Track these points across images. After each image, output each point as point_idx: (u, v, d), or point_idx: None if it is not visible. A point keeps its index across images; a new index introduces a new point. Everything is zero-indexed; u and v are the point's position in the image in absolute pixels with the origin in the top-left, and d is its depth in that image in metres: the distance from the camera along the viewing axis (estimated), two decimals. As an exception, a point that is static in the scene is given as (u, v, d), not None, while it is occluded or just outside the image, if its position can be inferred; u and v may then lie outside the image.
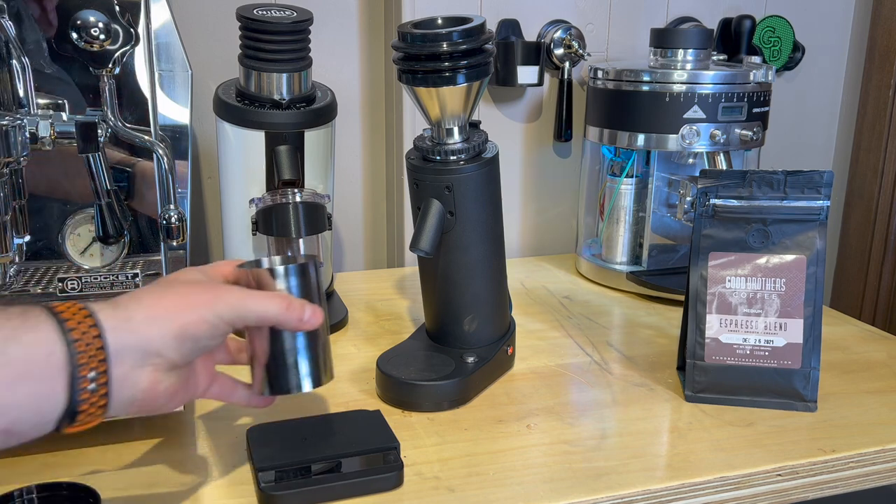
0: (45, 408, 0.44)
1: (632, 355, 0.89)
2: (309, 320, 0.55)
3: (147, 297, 0.50)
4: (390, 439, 0.66)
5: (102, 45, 0.77)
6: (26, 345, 0.43)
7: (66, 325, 0.45)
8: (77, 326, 0.45)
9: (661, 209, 1.09)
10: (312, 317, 0.55)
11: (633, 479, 0.64)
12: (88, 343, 0.45)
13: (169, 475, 0.64)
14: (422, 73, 0.71)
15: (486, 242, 0.79)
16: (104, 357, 0.46)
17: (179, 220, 0.80)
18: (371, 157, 1.23)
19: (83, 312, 0.46)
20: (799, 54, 1.34)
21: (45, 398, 0.44)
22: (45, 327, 0.44)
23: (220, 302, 0.51)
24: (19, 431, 0.44)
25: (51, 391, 0.44)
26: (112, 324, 0.47)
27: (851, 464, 0.69)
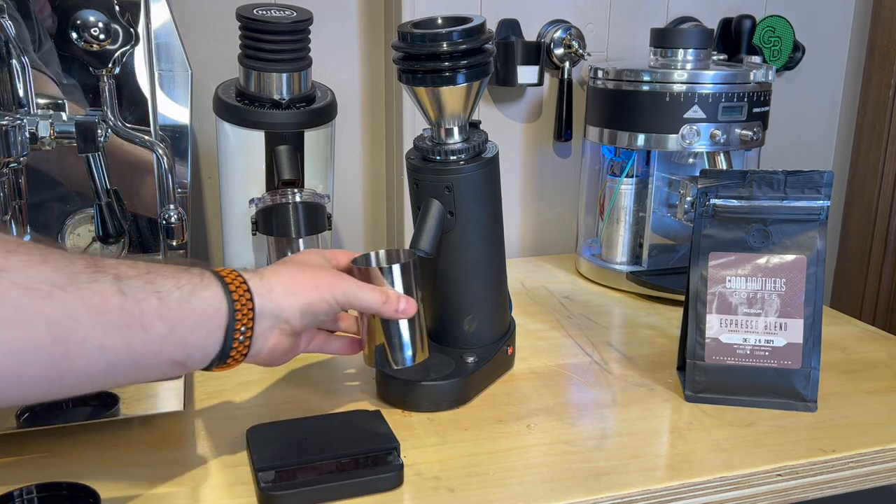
0: (209, 348, 0.55)
1: (632, 355, 0.89)
2: (403, 311, 0.67)
3: (285, 274, 0.61)
4: (390, 439, 0.66)
5: (102, 45, 0.77)
6: (203, 300, 0.54)
7: (229, 288, 0.56)
8: (236, 290, 0.57)
9: (661, 209, 1.09)
10: (406, 309, 0.67)
11: (633, 479, 0.64)
12: (243, 304, 0.56)
13: (169, 475, 0.64)
14: (422, 72, 0.71)
15: (486, 242, 0.79)
16: (252, 316, 0.57)
17: (179, 220, 0.80)
18: (371, 157, 1.23)
19: (239, 279, 0.58)
20: (799, 54, 1.34)
21: (210, 341, 0.55)
22: (216, 287, 0.56)
23: (337, 288, 0.63)
24: (188, 365, 0.55)
25: (215, 337, 0.55)
26: (259, 291, 0.58)
27: (851, 464, 0.69)
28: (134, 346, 0.50)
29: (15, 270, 0.46)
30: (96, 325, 0.48)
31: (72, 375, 0.49)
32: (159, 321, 0.51)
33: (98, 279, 0.49)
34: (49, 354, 0.47)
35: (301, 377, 0.83)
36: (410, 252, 0.73)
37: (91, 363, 0.49)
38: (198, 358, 0.55)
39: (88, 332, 0.48)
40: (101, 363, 0.49)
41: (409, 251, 0.73)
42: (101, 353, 0.49)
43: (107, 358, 0.49)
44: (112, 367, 0.50)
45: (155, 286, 0.52)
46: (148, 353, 0.51)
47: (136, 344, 0.50)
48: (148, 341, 0.51)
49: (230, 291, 0.56)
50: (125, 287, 0.50)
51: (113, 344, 0.49)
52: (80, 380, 0.50)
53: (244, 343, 0.57)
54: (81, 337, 0.48)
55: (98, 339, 0.48)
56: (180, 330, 0.52)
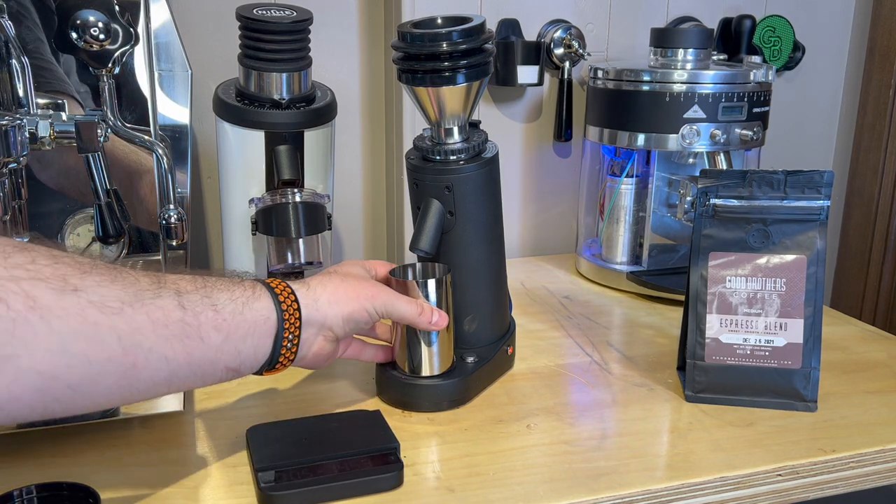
0: (259, 355, 0.60)
1: (632, 355, 0.89)
2: (436, 323, 0.72)
3: (330, 285, 0.66)
4: (390, 439, 0.66)
5: (102, 45, 0.77)
6: (255, 310, 0.59)
7: (278, 298, 0.61)
8: (285, 300, 0.62)
9: (661, 209, 1.09)
10: (439, 321, 0.72)
11: (633, 479, 0.64)
12: (291, 314, 0.61)
13: (169, 475, 0.64)
14: (421, 72, 0.71)
15: (486, 242, 0.79)
16: (299, 325, 0.62)
17: (179, 220, 0.80)
18: (371, 157, 1.23)
19: (288, 290, 0.63)
20: (799, 54, 1.34)
21: (261, 348, 0.60)
22: (266, 299, 0.61)
23: (377, 299, 0.68)
24: (241, 371, 0.60)
25: (265, 344, 0.60)
26: (305, 301, 0.63)
27: (852, 464, 0.69)
28: (193, 355, 0.55)
29: (90, 290, 0.51)
30: (160, 337, 0.53)
31: (140, 384, 0.53)
32: (215, 331, 0.56)
33: (161, 294, 0.54)
34: (121, 364, 0.52)
35: (301, 377, 0.83)
36: (445, 267, 0.77)
37: (156, 372, 0.54)
38: (249, 364, 0.60)
39: (153, 343, 0.53)
40: (165, 371, 0.54)
41: (444, 266, 0.77)
42: (164, 362, 0.54)
43: (169, 367, 0.54)
44: (174, 375, 0.55)
45: (211, 300, 0.57)
46: (206, 361, 0.56)
47: (195, 353, 0.55)
48: (205, 349, 0.56)
49: (279, 302, 0.61)
50: (185, 301, 0.55)
51: (175, 354, 0.54)
52: (148, 387, 0.54)
53: (291, 350, 0.62)
54: (147, 347, 0.53)
55: (161, 349, 0.53)
56: (233, 338, 0.57)
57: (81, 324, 0.49)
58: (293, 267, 0.89)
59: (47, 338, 0.48)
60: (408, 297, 0.71)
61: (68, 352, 0.49)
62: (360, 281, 0.69)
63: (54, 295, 0.49)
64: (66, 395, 0.50)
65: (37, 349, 0.48)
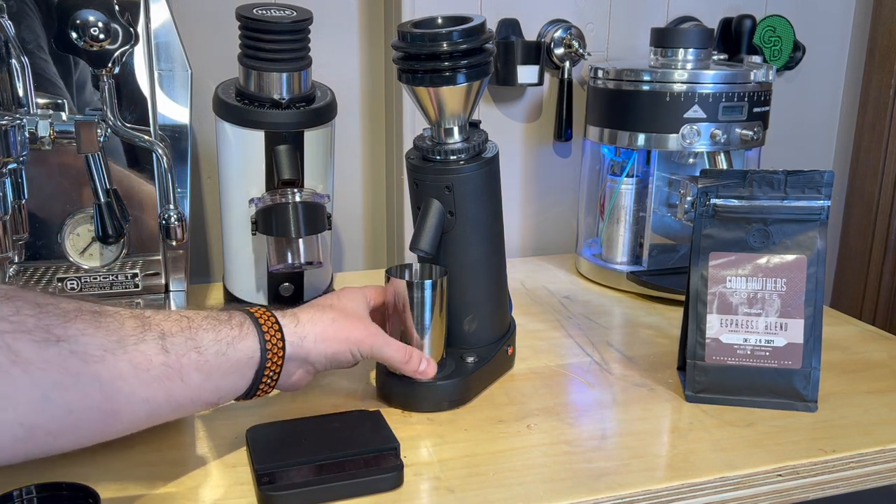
0: (238, 389, 0.62)
1: (632, 355, 0.89)
2: (423, 372, 0.72)
3: (321, 323, 0.66)
4: (390, 439, 0.66)
5: (102, 45, 0.77)
6: (239, 350, 0.60)
7: (264, 337, 0.62)
8: (271, 338, 0.62)
9: (661, 209, 1.09)
10: (427, 371, 0.73)
11: (634, 479, 0.64)
12: (275, 353, 0.62)
13: (169, 475, 0.64)
14: (422, 72, 0.71)
15: (486, 242, 0.79)
16: (281, 363, 0.63)
17: (179, 220, 0.80)
18: (371, 157, 1.23)
19: (275, 326, 0.63)
20: (799, 54, 1.34)
21: (240, 383, 0.61)
22: (251, 337, 0.61)
23: (364, 344, 0.69)
24: (218, 404, 0.62)
25: (245, 380, 0.61)
26: (291, 339, 0.64)
27: (852, 464, 0.69)
28: (173, 395, 0.56)
29: (72, 340, 0.51)
30: (141, 382, 0.54)
31: (119, 425, 0.55)
32: (196, 372, 0.57)
33: (145, 339, 0.55)
34: (101, 411, 0.53)
35: (301, 377, 0.83)
36: (442, 269, 0.77)
37: (136, 414, 0.55)
38: (228, 397, 0.62)
39: (134, 388, 0.54)
40: (144, 412, 0.55)
41: (441, 268, 0.77)
42: (144, 404, 0.55)
43: (149, 408, 0.55)
44: (153, 414, 0.56)
45: (195, 341, 0.57)
46: (185, 399, 0.57)
47: (175, 392, 0.56)
48: (185, 389, 0.57)
49: (265, 340, 0.62)
50: (168, 344, 0.56)
51: (154, 396, 0.55)
52: (127, 427, 0.56)
53: (270, 384, 0.64)
54: (128, 392, 0.53)
55: (142, 393, 0.54)
56: (214, 377, 0.58)
57: (62, 374, 0.50)
58: (293, 267, 0.89)
59: (29, 390, 0.49)
60: (398, 344, 0.71)
61: (50, 402, 0.50)
62: (352, 322, 0.69)
63: (36, 347, 0.49)
64: (46, 441, 0.51)
65: (19, 402, 0.49)
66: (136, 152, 0.86)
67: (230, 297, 0.99)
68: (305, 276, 0.98)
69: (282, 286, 0.97)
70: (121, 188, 0.81)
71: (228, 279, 1.00)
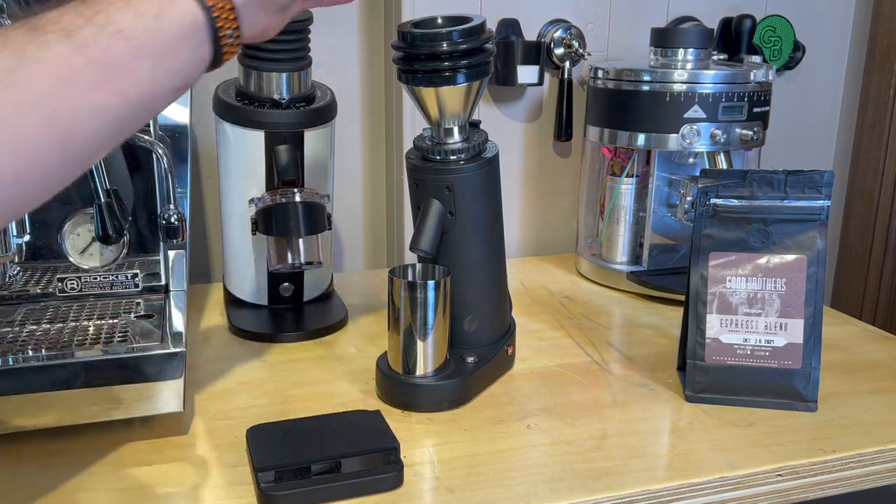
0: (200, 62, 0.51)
1: (632, 355, 0.89)
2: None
3: None
4: (390, 439, 0.66)
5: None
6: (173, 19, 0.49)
7: None
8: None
9: (661, 209, 1.09)
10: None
11: (634, 479, 0.64)
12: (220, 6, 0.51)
13: (169, 475, 0.64)
14: (422, 72, 0.71)
15: (486, 242, 0.79)
16: (234, 17, 0.52)
17: (179, 220, 0.80)
18: (371, 157, 1.23)
19: None
20: (799, 54, 1.34)
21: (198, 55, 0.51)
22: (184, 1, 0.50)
23: None
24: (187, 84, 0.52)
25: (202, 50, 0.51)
26: None
27: (852, 464, 0.69)
28: (128, 96, 0.48)
29: None
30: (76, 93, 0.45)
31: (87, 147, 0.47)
32: (137, 61, 0.47)
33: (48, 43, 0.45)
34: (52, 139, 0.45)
35: (301, 377, 0.83)
36: (445, 269, 0.76)
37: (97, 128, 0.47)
38: (194, 74, 0.52)
39: (74, 102, 0.45)
40: (107, 124, 0.47)
41: (444, 268, 0.77)
42: (100, 114, 0.47)
43: (108, 117, 0.47)
44: (119, 122, 0.48)
45: (114, 26, 0.47)
46: (145, 95, 0.49)
47: (129, 92, 0.47)
48: (138, 84, 0.48)
49: None
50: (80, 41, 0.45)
51: (105, 103, 0.47)
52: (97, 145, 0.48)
53: (234, 44, 0.53)
54: (69, 108, 0.45)
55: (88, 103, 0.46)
56: (163, 60, 0.49)
57: None
58: (293, 266, 0.89)
59: None
60: None
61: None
62: None
63: None
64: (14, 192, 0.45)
65: None
66: (136, 152, 0.86)
67: (230, 297, 0.99)
68: (305, 276, 0.98)
69: (282, 286, 0.97)
70: (121, 188, 0.81)
71: (228, 279, 1.00)
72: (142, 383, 0.67)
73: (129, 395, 0.68)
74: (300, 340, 0.92)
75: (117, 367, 0.67)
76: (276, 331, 0.93)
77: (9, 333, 0.74)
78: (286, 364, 0.86)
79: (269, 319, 0.96)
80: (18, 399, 0.65)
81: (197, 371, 0.83)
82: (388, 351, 0.77)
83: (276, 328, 0.94)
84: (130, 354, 0.68)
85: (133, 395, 0.68)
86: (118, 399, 0.67)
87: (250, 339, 0.92)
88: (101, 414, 0.67)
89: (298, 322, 0.96)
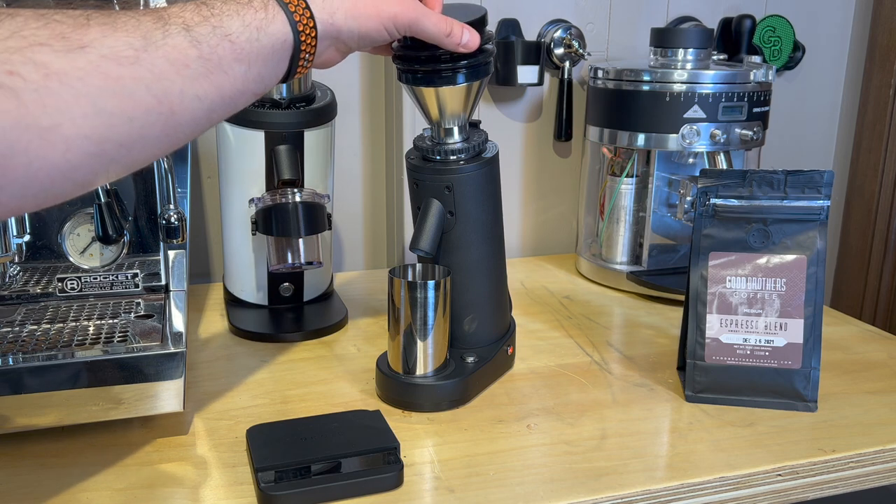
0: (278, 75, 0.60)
1: (632, 355, 0.89)
2: (465, 44, 0.68)
3: None
4: (390, 439, 0.66)
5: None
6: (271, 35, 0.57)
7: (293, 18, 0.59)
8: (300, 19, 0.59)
9: (661, 209, 1.09)
10: (469, 42, 0.68)
11: (634, 479, 0.64)
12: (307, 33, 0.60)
13: (169, 475, 0.64)
14: (422, 72, 0.71)
15: (486, 242, 0.79)
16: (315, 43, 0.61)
17: (179, 220, 0.80)
18: (371, 157, 1.23)
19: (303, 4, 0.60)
20: (799, 54, 1.34)
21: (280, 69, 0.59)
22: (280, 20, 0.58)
23: (399, 19, 0.64)
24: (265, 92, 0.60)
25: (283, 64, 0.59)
26: (321, 17, 0.61)
27: (851, 464, 0.69)
28: (223, 89, 0.55)
29: (96, 44, 0.48)
30: (185, 79, 0.52)
31: (183, 127, 0.53)
32: (236, 63, 0.55)
33: (169, 33, 0.52)
34: (160, 114, 0.51)
35: (301, 377, 0.83)
36: (445, 269, 0.77)
37: (194, 112, 0.54)
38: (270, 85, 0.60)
39: (182, 87, 0.52)
40: (202, 110, 0.54)
41: (444, 268, 0.77)
42: (198, 102, 0.53)
43: (204, 105, 0.54)
44: (211, 111, 0.55)
45: (224, 30, 0.55)
46: (235, 92, 0.56)
47: (224, 86, 0.55)
48: (233, 82, 0.55)
49: (295, 22, 0.59)
50: (196, 37, 0.53)
51: (206, 92, 0.54)
52: (191, 129, 0.54)
53: (306, 66, 0.62)
54: (178, 92, 0.52)
55: (192, 90, 0.53)
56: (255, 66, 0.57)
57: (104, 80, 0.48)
58: (293, 266, 0.89)
59: (78, 102, 0.47)
60: (437, 15, 0.66)
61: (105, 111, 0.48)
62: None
63: (63, 58, 0.46)
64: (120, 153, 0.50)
65: (74, 115, 0.47)
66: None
67: (230, 297, 0.99)
68: (305, 276, 0.98)
69: (282, 286, 0.97)
70: (120, 188, 0.82)
71: (228, 279, 1.00)
72: (142, 383, 0.67)
73: (129, 395, 0.68)
74: (300, 340, 0.92)
75: (117, 367, 0.67)
76: (276, 331, 0.93)
77: (9, 333, 0.74)
78: (286, 364, 0.86)
79: (269, 319, 0.96)
80: (18, 399, 0.65)
81: (197, 371, 0.83)
82: (388, 351, 0.77)
83: (276, 328, 0.94)
84: (130, 354, 0.68)
85: (133, 395, 0.68)
86: (118, 399, 0.67)
87: (250, 339, 0.92)
88: (101, 414, 0.67)
89: (298, 322, 0.96)
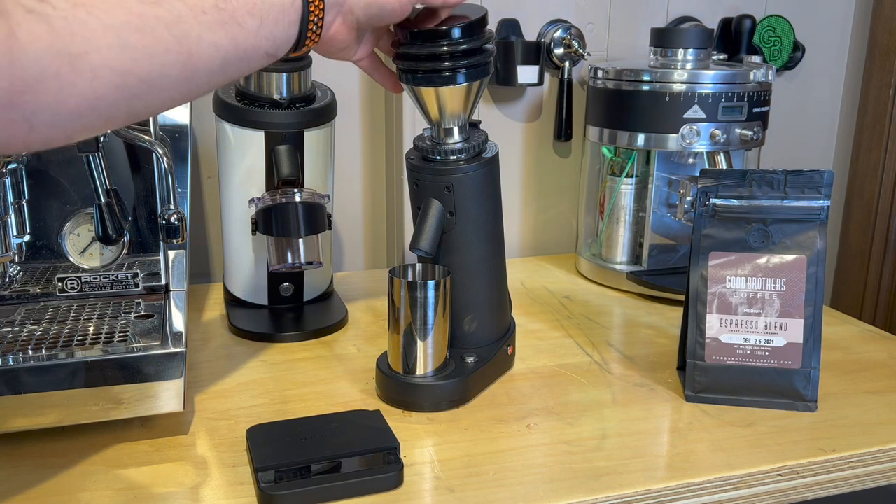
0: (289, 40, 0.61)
1: (632, 355, 0.89)
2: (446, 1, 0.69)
3: None
4: (390, 439, 0.66)
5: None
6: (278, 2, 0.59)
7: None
8: None
9: (661, 209, 1.09)
10: None
11: (633, 479, 0.64)
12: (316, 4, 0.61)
13: (169, 475, 0.64)
14: (422, 72, 0.71)
15: (486, 242, 0.79)
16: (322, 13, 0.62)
17: (179, 220, 0.80)
18: (371, 157, 1.23)
19: None
20: (799, 54, 1.34)
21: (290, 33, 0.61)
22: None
23: None
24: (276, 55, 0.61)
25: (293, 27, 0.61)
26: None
27: (851, 464, 0.69)
28: (238, 41, 0.56)
29: None
30: (203, 24, 0.54)
31: (200, 73, 0.55)
32: (250, 17, 0.57)
33: None
34: (179, 54, 0.52)
35: (301, 377, 0.83)
36: (445, 269, 0.77)
37: (211, 61, 0.55)
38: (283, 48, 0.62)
39: (200, 32, 0.54)
40: (218, 59, 0.55)
41: (444, 268, 0.77)
42: (215, 50, 0.55)
43: (220, 54, 0.55)
44: (226, 63, 0.56)
45: None
46: (249, 46, 0.58)
47: (239, 38, 0.56)
48: (247, 35, 0.57)
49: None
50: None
51: (221, 41, 0.55)
52: (207, 77, 0.56)
53: (317, 32, 0.63)
54: (196, 36, 0.53)
55: (209, 37, 0.54)
56: (267, 23, 0.58)
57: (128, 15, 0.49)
58: (293, 266, 0.89)
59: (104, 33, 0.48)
60: None
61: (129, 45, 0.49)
62: None
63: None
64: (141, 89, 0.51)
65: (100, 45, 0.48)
66: (136, 152, 0.86)
67: (230, 297, 0.99)
68: (305, 276, 0.98)
69: (282, 286, 0.97)
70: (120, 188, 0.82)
71: (228, 279, 1.00)
72: (142, 383, 0.67)
73: (129, 395, 0.68)
74: (300, 340, 0.92)
75: (117, 367, 0.67)
76: (276, 331, 0.93)
77: (9, 333, 0.74)
78: (286, 364, 0.86)
79: (269, 319, 0.96)
80: (18, 399, 0.65)
81: (197, 371, 0.83)
82: (388, 351, 0.77)
83: (276, 328, 0.94)
84: (130, 354, 0.68)
85: (133, 394, 0.68)
86: (118, 399, 0.67)
87: (250, 339, 0.92)
88: (100, 414, 0.67)
89: (298, 322, 0.96)
